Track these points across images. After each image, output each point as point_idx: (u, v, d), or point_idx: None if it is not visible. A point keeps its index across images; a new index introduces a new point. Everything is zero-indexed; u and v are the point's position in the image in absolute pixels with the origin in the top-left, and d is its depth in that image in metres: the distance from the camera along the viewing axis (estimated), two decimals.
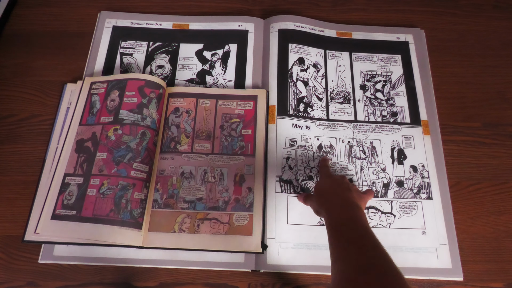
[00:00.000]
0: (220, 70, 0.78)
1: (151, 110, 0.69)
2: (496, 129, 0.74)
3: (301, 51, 0.78)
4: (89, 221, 0.61)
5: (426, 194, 0.67)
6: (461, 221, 0.66)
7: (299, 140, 0.70)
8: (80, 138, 0.68)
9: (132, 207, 0.62)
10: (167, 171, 0.67)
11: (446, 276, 0.62)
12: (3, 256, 0.63)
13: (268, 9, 0.86)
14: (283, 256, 0.62)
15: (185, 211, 0.64)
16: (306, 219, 0.64)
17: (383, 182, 0.68)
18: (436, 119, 0.73)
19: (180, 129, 0.70)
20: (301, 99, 0.74)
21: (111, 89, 0.71)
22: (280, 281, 0.62)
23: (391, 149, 0.71)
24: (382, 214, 0.66)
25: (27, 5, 0.86)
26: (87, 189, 0.63)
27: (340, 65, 0.79)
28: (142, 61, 0.78)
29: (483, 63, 0.81)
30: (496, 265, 0.63)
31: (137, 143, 0.66)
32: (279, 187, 0.66)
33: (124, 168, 0.64)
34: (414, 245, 0.63)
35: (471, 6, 0.88)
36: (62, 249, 0.62)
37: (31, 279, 0.61)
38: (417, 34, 0.82)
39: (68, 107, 0.72)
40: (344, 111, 0.74)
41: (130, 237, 0.61)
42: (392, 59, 0.80)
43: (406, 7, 0.87)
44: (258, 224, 0.63)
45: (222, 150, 0.69)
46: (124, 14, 0.83)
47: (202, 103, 0.73)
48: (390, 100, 0.75)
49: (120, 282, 0.61)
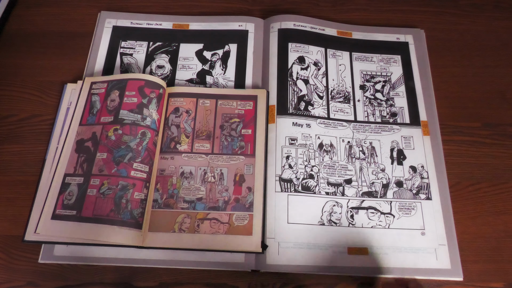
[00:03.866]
0: (220, 70, 0.78)
1: (151, 110, 0.69)
2: (496, 129, 0.74)
3: (301, 49, 0.78)
4: (89, 221, 0.61)
5: (426, 194, 0.67)
6: (461, 221, 0.66)
7: (299, 138, 0.70)
8: (80, 138, 0.68)
9: (132, 207, 0.62)
10: (167, 171, 0.67)
11: (445, 276, 0.62)
12: (3, 256, 0.63)
13: (268, 9, 0.86)
14: (283, 256, 0.62)
15: (185, 211, 0.64)
16: (306, 219, 0.64)
17: (383, 182, 0.68)
18: (436, 119, 0.73)
19: (180, 129, 0.70)
20: (302, 97, 0.74)
21: (111, 89, 0.71)
22: (280, 281, 0.62)
23: (391, 150, 0.71)
24: (382, 214, 0.66)
25: (27, 5, 0.86)
26: (87, 189, 0.63)
27: (341, 64, 0.79)
28: (142, 61, 0.78)
29: (483, 63, 0.81)
30: (496, 265, 0.63)
31: (137, 143, 0.66)
32: (278, 187, 0.66)
33: (124, 168, 0.64)
34: (413, 246, 0.63)
35: (471, 6, 0.88)
36: (62, 249, 0.62)
37: (31, 279, 0.61)
38: (417, 35, 0.82)
39: (68, 107, 0.72)
40: (344, 111, 0.74)
41: (130, 237, 0.61)
42: (392, 59, 0.80)
43: (406, 7, 0.87)
44: (258, 224, 0.63)
45: (222, 150, 0.69)
46: (124, 14, 0.83)
47: (202, 103, 0.73)
48: (390, 100, 0.75)
49: (120, 282, 0.61)
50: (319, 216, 0.65)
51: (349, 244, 0.63)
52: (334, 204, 0.66)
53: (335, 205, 0.66)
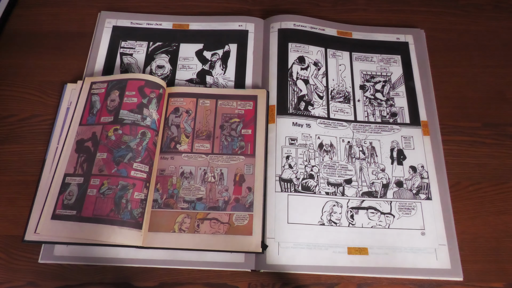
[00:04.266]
0: (220, 70, 0.78)
1: (151, 110, 0.69)
2: (496, 129, 0.74)
3: (301, 49, 0.78)
4: (89, 221, 0.61)
5: (426, 194, 0.67)
6: (461, 221, 0.66)
7: (299, 138, 0.70)
8: (80, 138, 0.68)
9: (132, 207, 0.62)
10: (167, 171, 0.67)
11: (445, 276, 0.62)
12: (3, 256, 0.63)
13: (268, 9, 0.86)
14: (283, 256, 0.62)
15: (185, 211, 0.64)
16: (306, 219, 0.64)
17: (383, 182, 0.68)
18: (436, 119, 0.73)
19: (180, 129, 0.70)
20: (302, 97, 0.74)
21: (111, 89, 0.71)
22: (280, 281, 0.62)
23: (391, 150, 0.71)
24: (381, 214, 0.66)
25: (27, 5, 0.86)
26: (87, 189, 0.63)
27: (341, 64, 0.79)
28: (142, 61, 0.78)
29: (483, 63, 0.81)
30: (496, 265, 0.63)
31: (137, 143, 0.66)
32: (278, 187, 0.66)
33: (124, 168, 0.64)
34: (413, 246, 0.63)
35: (471, 6, 0.88)
36: (62, 249, 0.62)
37: (31, 279, 0.61)
38: (417, 35, 0.82)
39: (68, 107, 0.72)
40: (344, 111, 0.74)
41: (130, 237, 0.61)
42: (392, 59, 0.80)
43: (406, 7, 0.87)
44: (258, 224, 0.63)
45: (222, 150, 0.69)
46: (124, 14, 0.83)
47: (202, 103, 0.73)
48: (390, 100, 0.75)
49: (120, 282, 0.61)
50: (319, 216, 0.65)
51: (349, 244, 0.63)
52: (334, 204, 0.66)
53: (335, 205, 0.66)
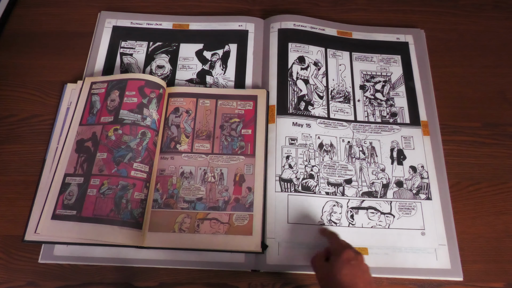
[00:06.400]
0: (220, 70, 0.78)
1: (151, 110, 0.69)
2: (496, 129, 0.74)
3: (301, 49, 0.78)
4: (90, 221, 0.61)
5: (426, 194, 0.67)
6: (461, 221, 0.66)
7: (299, 138, 0.70)
8: (80, 138, 0.68)
9: (132, 207, 0.62)
10: (167, 171, 0.67)
11: (445, 276, 0.62)
12: (3, 256, 0.63)
13: (268, 9, 0.86)
14: (283, 256, 0.62)
15: (185, 211, 0.64)
16: (306, 219, 0.64)
17: (383, 182, 0.68)
18: (436, 119, 0.73)
19: (180, 129, 0.70)
20: (302, 97, 0.74)
21: (111, 89, 0.71)
22: (280, 281, 0.62)
23: (391, 150, 0.71)
24: (382, 214, 0.66)
25: (27, 5, 0.86)
26: (87, 189, 0.63)
27: (341, 64, 0.79)
28: (142, 61, 0.78)
29: (483, 63, 0.81)
30: (496, 265, 0.63)
31: (137, 143, 0.66)
32: (279, 187, 0.66)
33: (124, 168, 0.64)
34: (413, 246, 0.63)
35: (471, 6, 0.88)
36: (62, 249, 0.62)
37: (31, 279, 0.61)
38: (417, 35, 0.82)
39: (68, 107, 0.72)
40: (344, 111, 0.74)
41: (130, 237, 0.61)
42: (392, 59, 0.80)
43: (406, 7, 0.87)
44: (258, 224, 0.63)
45: (222, 150, 0.69)
46: (124, 14, 0.83)
47: (202, 103, 0.73)
48: (390, 100, 0.75)
49: (120, 282, 0.61)
50: (319, 216, 0.65)
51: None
52: (334, 204, 0.66)
53: (335, 205, 0.66)
